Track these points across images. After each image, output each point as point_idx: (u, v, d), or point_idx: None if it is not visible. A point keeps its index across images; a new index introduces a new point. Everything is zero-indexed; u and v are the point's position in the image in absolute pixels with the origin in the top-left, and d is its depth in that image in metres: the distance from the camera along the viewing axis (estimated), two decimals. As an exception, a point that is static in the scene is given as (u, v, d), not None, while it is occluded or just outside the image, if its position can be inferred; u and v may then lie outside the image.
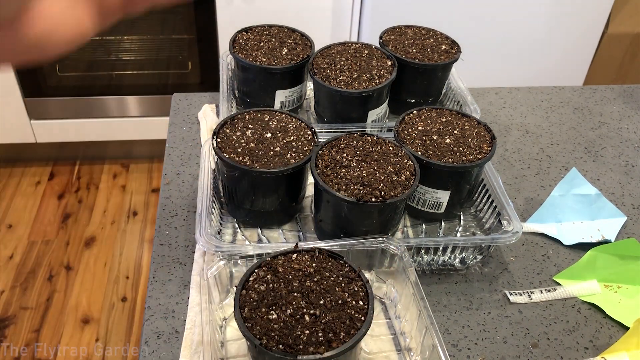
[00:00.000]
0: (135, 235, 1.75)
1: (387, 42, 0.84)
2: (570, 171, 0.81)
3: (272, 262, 0.53)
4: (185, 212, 0.74)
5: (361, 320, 0.48)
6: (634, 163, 0.88)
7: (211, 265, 0.58)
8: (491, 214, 0.70)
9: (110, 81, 1.81)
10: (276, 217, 0.70)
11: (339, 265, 0.53)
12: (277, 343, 0.45)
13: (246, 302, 0.49)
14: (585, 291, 0.67)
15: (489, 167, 0.72)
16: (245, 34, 0.84)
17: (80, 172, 1.98)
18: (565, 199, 0.77)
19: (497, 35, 1.64)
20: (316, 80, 0.77)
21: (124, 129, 1.87)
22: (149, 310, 0.62)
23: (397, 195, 0.60)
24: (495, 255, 0.71)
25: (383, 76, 0.77)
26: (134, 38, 1.77)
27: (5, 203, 1.83)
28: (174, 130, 0.88)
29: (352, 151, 0.65)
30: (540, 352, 0.60)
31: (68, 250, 1.70)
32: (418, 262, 0.67)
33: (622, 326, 0.63)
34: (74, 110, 1.81)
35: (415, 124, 0.71)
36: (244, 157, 0.63)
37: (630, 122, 0.97)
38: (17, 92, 1.73)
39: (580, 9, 1.62)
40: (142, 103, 1.82)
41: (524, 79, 1.70)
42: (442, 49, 0.83)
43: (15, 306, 1.53)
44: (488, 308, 0.65)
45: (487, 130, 0.71)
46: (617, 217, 0.76)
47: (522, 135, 0.92)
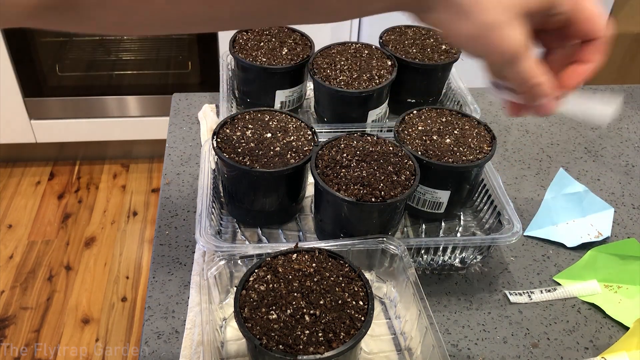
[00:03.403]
0: (135, 235, 1.75)
1: (387, 42, 0.84)
2: (559, 172, 0.82)
3: (272, 262, 0.53)
4: (185, 212, 0.74)
5: (361, 320, 0.48)
6: (634, 163, 0.88)
7: (211, 265, 0.58)
8: (491, 214, 0.70)
9: (110, 81, 1.81)
10: (276, 217, 0.70)
11: (339, 266, 0.53)
12: (277, 343, 0.45)
13: (246, 302, 0.49)
14: (585, 291, 0.67)
15: (489, 167, 0.72)
16: (245, 34, 0.84)
17: (80, 172, 1.98)
18: (557, 201, 0.78)
19: (497, 35, 1.64)
20: (316, 80, 0.77)
21: (124, 129, 1.87)
22: (149, 310, 0.62)
23: (397, 195, 0.60)
24: (495, 255, 0.71)
25: (383, 76, 0.77)
26: (134, 38, 1.77)
27: (5, 203, 1.83)
28: (174, 130, 0.88)
29: (352, 151, 0.65)
30: (540, 352, 0.60)
31: (68, 250, 1.70)
32: (418, 262, 0.67)
33: (622, 326, 0.63)
34: (74, 110, 1.81)
35: (415, 124, 0.71)
36: (244, 157, 0.63)
37: (630, 122, 0.97)
38: (17, 92, 1.73)
39: (580, 9, 1.62)
40: (142, 103, 1.82)
41: (524, 79, 1.69)
42: (442, 49, 0.83)
43: (15, 306, 1.53)
44: (488, 308, 0.65)
45: (487, 130, 0.71)
46: (605, 209, 0.76)
47: (522, 135, 0.92)
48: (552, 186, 0.80)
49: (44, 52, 1.72)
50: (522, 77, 0.39)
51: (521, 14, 0.37)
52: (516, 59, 0.38)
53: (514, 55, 0.37)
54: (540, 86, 0.40)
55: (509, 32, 0.37)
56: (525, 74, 0.39)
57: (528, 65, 0.38)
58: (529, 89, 0.40)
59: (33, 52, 1.69)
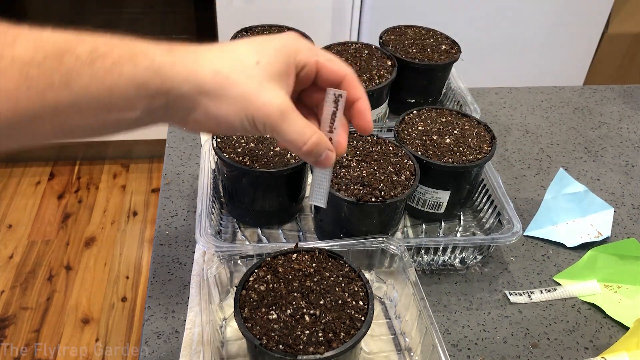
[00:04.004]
0: (135, 235, 1.75)
1: (387, 42, 0.84)
2: (558, 172, 0.82)
3: (272, 262, 0.53)
4: (185, 212, 0.74)
5: (361, 320, 0.48)
6: (634, 163, 0.88)
7: (211, 265, 0.58)
8: (491, 214, 0.70)
9: (110, 81, 1.81)
10: (276, 217, 0.70)
11: (339, 266, 0.53)
12: (277, 343, 0.45)
13: (246, 302, 0.49)
14: (585, 291, 0.67)
15: (489, 167, 0.72)
16: (245, 34, 0.84)
17: (80, 172, 1.98)
18: (557, 200, 0.78)
19: (497, 35, 1.64)
20: (316, 80, 0.76)
21: (124, 129, 1.87)
22: (149, 310, 0.62)
23: (397, 195, 0.60)
24: (495, 255, 0.71)
25: (383, 76, 0.77)
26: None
27: (5, 203, 1.83)
28: (174, 130, 0.88)
29: (352, 151, 0.65)
30: (540, 352, 0.60)
31: (68, 250, 1.70)
32: (418, 262, 0.67)
33: (622, 326, 0.63)
34: (74, 110, 1.81)
35: (415, 124, 0.71)
36: (244, 157, 0.63)
37: (630, 122, 0.97)
38: (17, 92, 1.72)
39: (580, 9, 1.62)
40: (142, 103, 1.82)
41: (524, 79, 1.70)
42: (442, 49, 0.83)
43: (15, 306, 1.53)
44: (488, 308, 0.65)
45: (487, 130, 0.71)
46: (605, 209, 0.76)
47: (522, 135, 0.92)
48: (552, 186, 0.80)
49: (44, 52, 1.72)
50: (294, 137, 0.40)
51: (270, 79, 0.39)
52: (283, 117, 0.39)
53: (279, 114, 0.39)
54: (315, 143, 0.41)
55: (265, 95, 0.39)
56: (296, 133, 0.40)
57: (297, 123, 0.40)
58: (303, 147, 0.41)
59: (33, 52, 1.69)
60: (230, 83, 0.38)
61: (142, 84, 0.37)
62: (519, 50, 1.68)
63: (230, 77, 0.38)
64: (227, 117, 0.39)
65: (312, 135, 0.41)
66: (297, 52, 0.41)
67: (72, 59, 0.35)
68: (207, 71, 0.38)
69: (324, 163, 0.43)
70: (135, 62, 0.36)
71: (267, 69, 0.39)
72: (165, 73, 0.37)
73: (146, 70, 0.37)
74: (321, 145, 0.42)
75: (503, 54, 1.68)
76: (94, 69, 0.35)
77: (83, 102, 0.36)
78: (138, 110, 0.38)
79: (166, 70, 0.37)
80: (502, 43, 1.65)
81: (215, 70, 0.38)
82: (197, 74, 0.38)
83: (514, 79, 1.68)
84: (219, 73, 0.38)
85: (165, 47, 0.38)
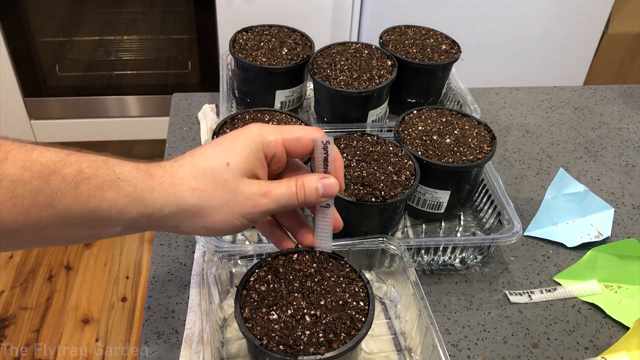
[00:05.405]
0: (135, 235, 1.75)
1: (387, 42, 0.84)
2: (559, 172, 0.82)
3: (272, 262, 0.52)
4: (185, 212, 0.73)
5: (362, 321, 0.48)
6: (634, 163, 0.88)
7: (211, 265, 0.58)
8: (491, 214, 0.70)
9: (110, 81, 1.81)
10: (276, 217, 0.70)
11: (339, 266, 0.53)
12: (278, 343, 0.45)
13: (246, 303, 0.49)
14: (585, 291, 0.67)
15: (489, 167, 0.72)
16: (245, 34, 0.84)
17: (80, 172, 1.98)
18: (558, 200, 0.78)
19: (497, 35, 1.64)
20: (316, 80, 0.77)
21: (124, 129, 1.87)
22: (149, 310, 0.62)
23: (397, 195, 0.60)
24: (495, 255, 0.71)
25: (383, 76, 0.77)
26: (133, 38, 1.77)
27: (5, 203, 1.83)
28: (174, 130, 0.88)
29: (352, 151, 0.65)
30: (540, 352, 0.60)
31: (68, 250, 1.70)
32: (418, 262, 0.67)
33: (622, 326, 0.63)
34: (74, 110, 1.81)
35: (415, 124, 0.71)
36: (244, 157, 0.63)
37: (630, 122, 0.97)
38: (17, 92, 1.72)
39: (580, 9, 1.62)
40: (142, 103, 1.82)
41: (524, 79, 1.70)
42: (442, 49, 0.83)
43: (15, 306, 1.53)
44: (488, 308, 0.65)
45: (487, 130, 0.71)
46: (606, 209, 0.76)
47: (522, 135, 0.92)
48: (552, 186, 0.80)
49: (44, 52, 1.72)
50: (286, 198, 0.44)
51: (242, 175, 0.43)
52: (266, 196, 0.43)
53: (262, 196, 0.43)
54: (303, 186, 0.45)
55: (242, 193, 0.42)
56: (285, 194, 0.44)
57: (280, 188, 0.44)
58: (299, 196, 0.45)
59: (33, 52, 1.69)
60: (209, 196, 0.42)
61: (124, 209, 0.39)
62: (519, 50, 1.68)
63: (207, 190, 0.42)
64: (215, 225, 0.43)
65: (295, 182, 0.44)
66: (263, 143, 0.44)
67: (57, 181, 0.37)
68: (185, 190, 0.41)
69: (328, 190, 0.45)
70: (117, 188, 0.39)
71: (238, 168, 0.42)
72: (146, 198, 0.40)
73: (127, 198, 0.39)
74: (310, 184, 0.44)
75: (503, 54, 1.68)
76: (77, 192, 0.38)
77: (66, 220, 0.38)
78: (120, 227, 0.41)
79: (146, 196, 0.40)
80: (502, 43, 1.65)
81: (192, 188, 0.41)
82: (176, 197, 0.41)
83: (514, 79, 1.69)
84: (196, 189, 0.41)
85: (144, 171, 0.41)
